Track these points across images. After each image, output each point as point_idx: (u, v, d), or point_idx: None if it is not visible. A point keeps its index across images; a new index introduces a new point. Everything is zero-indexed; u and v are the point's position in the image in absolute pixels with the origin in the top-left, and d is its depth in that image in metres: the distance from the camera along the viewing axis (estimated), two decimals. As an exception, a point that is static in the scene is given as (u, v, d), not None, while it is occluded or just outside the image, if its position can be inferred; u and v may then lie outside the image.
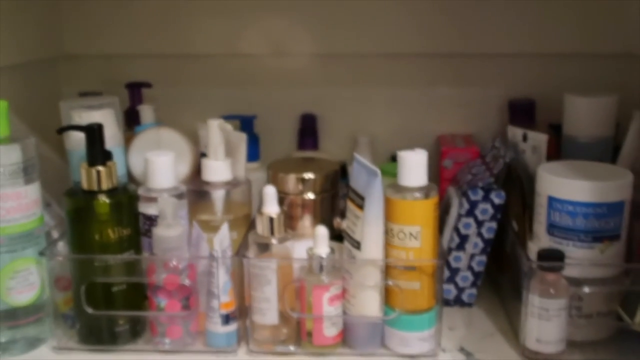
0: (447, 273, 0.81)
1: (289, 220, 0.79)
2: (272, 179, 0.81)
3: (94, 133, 0.71)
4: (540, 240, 0.73)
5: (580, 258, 0.70)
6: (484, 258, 0.81)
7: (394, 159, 0.96)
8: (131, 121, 0.91)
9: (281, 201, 0.77)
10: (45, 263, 0.72)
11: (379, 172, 0.67)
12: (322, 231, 0.70)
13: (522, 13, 0.98)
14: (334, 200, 0.83)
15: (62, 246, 0.75)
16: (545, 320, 0.68)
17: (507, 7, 0.98)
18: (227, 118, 0.88)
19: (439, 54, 1.00)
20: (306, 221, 0.81)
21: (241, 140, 0.82)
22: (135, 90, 0.95)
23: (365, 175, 0.69)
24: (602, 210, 0.69)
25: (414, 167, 0.69)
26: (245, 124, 0.95)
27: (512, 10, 0.98)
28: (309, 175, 0.80)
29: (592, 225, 0.69)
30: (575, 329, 0.71)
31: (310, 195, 0.80)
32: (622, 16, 0.97)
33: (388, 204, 0.69)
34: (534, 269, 0.69)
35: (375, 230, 0.69)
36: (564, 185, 0.70)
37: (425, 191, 0.69)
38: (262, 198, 0.72)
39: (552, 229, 0.72)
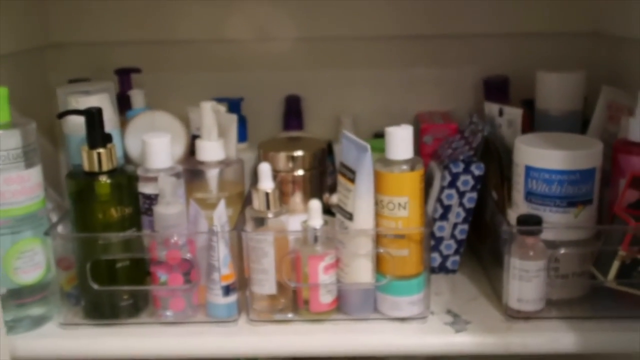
0: (432, 242, 0.86)
1: (281, 196, 0.83)
2: (263, 158, 0.84)
3: (93, 117, 0.73)
4: (519, 207, 0.78)
5: (556, 222, 0.75)
6: (466, 227, 0.86)
7: (376, 136, 1.01)
8: (122, 106, 0.94)
9: (273, 178, 0.81)
10: (50, 243, 0.75)
11: (368, 146, 0.71)
12: (316, 204, 0.74)
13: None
14: (322, 176, 0.87)
15: (62, 228, 0.78)
16: (525, 281, 0.73)
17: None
18: (215, 101, 0.91)
19: (416, 35, 1.04)
20: (297, 197, 0.85)
21: (232, 121, 0.85)
22: (125, 76, 0.98)
23: (355, 151, 0.73)
24: (575, 177, 0.74)
25: (401, 141, 0.73)
26: (233, 107, 0.97)
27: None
28: (298, 153, 0.84)
29: (567, 191, 0.75)
30: (553, 288, 0.76)
31: (300, 172, 0.84)
32: (588, -4, 1.03)
33: (377, 177, 0.73)
34: (514, 233, 0.74)
35: (367, 201, 0.73)
36: (539, 155, 0.75)
37: (412, 164, 0.74)
38: (257, 175, 0.76)
39: (530, 196, 0.77)
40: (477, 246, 0.91)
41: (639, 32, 0.89)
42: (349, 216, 0.74)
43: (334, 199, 0.79)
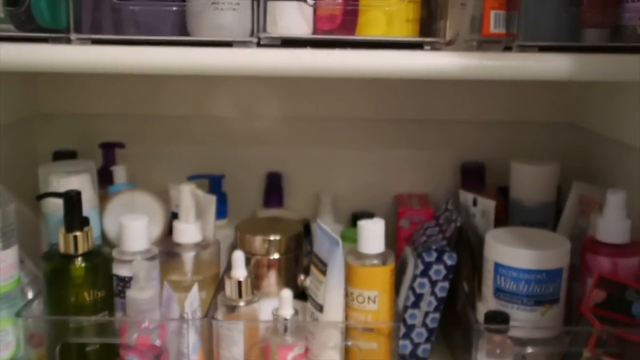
0: (403, 329, 0.86)
1: (256, 279, 0.84)
2: (240, 240, 0.86)
3: (72, 200, 0.75)
4: (488, 302, 0.80)
5: (524, 320, 0.77)
6: (437, 315, 0.87)
7: (355, 217, 1.03)
8: (104, 180, 0.95)
9: (248, 261, 0.82)
10: (21, 323, 0.75)
11: (340, 241, 0.73)
12: (287, 294, 0.75)
13: (473, 83, 1.05)
14: (298, 259, 0.88)
15: (36, 305, 0.78)
16: (492, 377, 0.74)
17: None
18: (197, 177, 0.92)
19: (397, 119, 1.07)
20: (272, 279, 0.86)
21: (211, 202, 0.86)
22: (109, 150, 0.99)
23: (327, 243, 0.75)
24: (542, 277, 0.76)
25: (373, 235, 0.75)
26: (214, 184, 0.99)
27: (465, 81, 1.05)
28: (274, 237, 0.85)
29: (534, 290, 0.76)
30: (519, 385, 0.77)
31: (276, 256, 0.85)
32: (566, 89, 1.06)
33: (348, 269, 0.75)
34: (482, 330, 0.75)
35: (337, 294, 0.74)
36: (508, 253, 0.77)
37: (383, 258, 0.75)
38: (231, 262, 0.77)
39: (498, 292, 0.78)
40: (449, 333, 0.92)
41: (612, 130, 0.92)
42: (320, 308, 0.75)
43: (309, 281, 0.80)
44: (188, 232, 0.82)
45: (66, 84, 1.06)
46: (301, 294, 0.83)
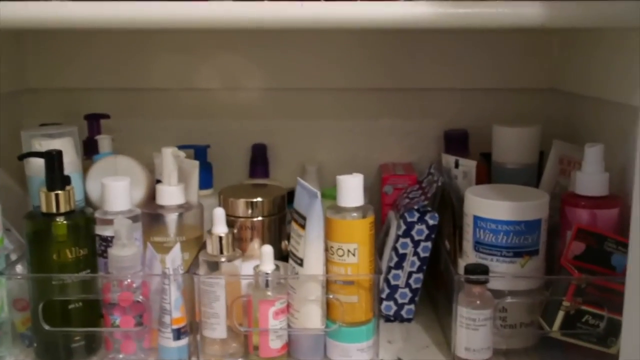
0: (386, 290, 0.87)
1: (239, 242, 0.85)
2: (223, 204, 0.86)
3: (53, 159, 0.75)
4: (469, 256, 0.80)
5: (503, 272, 0.77)
6: (420, 276, 0.87)
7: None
8: (90, 151, 0.96)
9: (232, 224, 0.82)
10: (5, 283, 0.76)
11: (318, 193, 0.73)
12: (268, 249, 0.76)
13: (455, 52, 1.06)
14: (281, 223, 0.89)
15: (20, 268, 0.79)
16: (472, 329, 0.75)
17: (443, 46, 1.06)
18: (182, 148, 0.93)
19: (380, 88, 1.08)
20: (255, 243, 0.86)
21: (194, 167, 0.87)
22: (94, 121, 1.00)
23: (306, 197, 0.75)
24: (521, 228, 0.76)
25: (351, 189, 0.76)
26: (199, 153, 1.00)
27: (447, 49, 1.06)
28: (257, 199, 0.86)
29: (513, 241, 0.77)
30: (500, 338, 0.77)
31: (259, 218, 0.86)
32: (546, 55, 1.07)
33: (328, 223, 0.75)
34: (462, 282, 0.75)
35: (316, 247, 0.75)
36: (486, 206, 0.78)
37: (362, 211, 0.76)
38: (212, 219, 0.78)
39: (478, 245, 0.78)
40: (433, 293, 0.92)
41: (592, 89, 0.92)
42: (300, 262, 0.76)
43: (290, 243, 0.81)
44: (171, 194, 0.83)
45: (53, 58, 1.07)
46: (284, 258, 0.83)
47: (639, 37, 0.74)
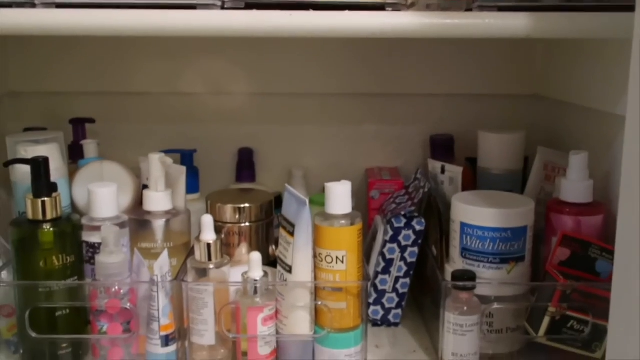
0: (374, 295, 0.88)
1: (227, 248, 0.85)
2: (211, 209, 0.86)
3: (39, 166, 0.75)
4: (455, 262, 0.81)
5: (490, 278, 0.78)
6: (407, 280, 0.88)
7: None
8: (75, 155, 0.95)
9: (219, 230, 0.82)
10: (-11, 289, 0.75)
11: (307, 201, 0.74)
12: (256, 256, 0.76)
13: (440, 58, 1.07)
14: (269, 228, 0.89)
15: (5, 274, 0.78)
16: (460, 335, 0.75)
17: (428, 52, 1.07)
18: (168, 152, 0.93)
19: (367, 94, 1.09)
20: (243, 248, 0.86)
21: (180, 172, 0.87)
22: (79, 126, 0.99)
23: (295, 204, 0.75)
24: (507, 235, 0.77)
25: (340, 196, 0.76)
26: (185, 158, 1.00)
27: (432, 55, 1.07)
28: (244, 205, 0.86)
29: (499, 248, 0.77)
30: (487, 343, 0.78)
31: (246, 224, 0.86)
32: (530, 62, 1.08)
33: (317, 230, 0.76)
34: (449, 288, 0.76)
35: (305, 254, 0.75)
36: (473, 213, 0.78)
37: (350, 218, 0.76)
38: (200, 226, 0.77)
39: (465, 252, 0.79)
40: (420, 298, 0.93)
41: (575, 97, 0.94)
42: (289, 268, 0.76)
43: (278, 250, 0.81)
44: (158, 200, 0.83)
45: (35, 61, 1.06)
46: (272, 264, 0.84)
47: (621, 47, 0.75)
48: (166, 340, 0.75)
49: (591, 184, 0.79)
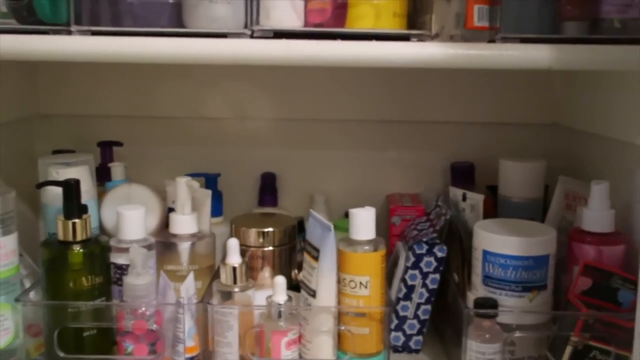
0: (395, 321, 0.88)
1: (250, 271, 0.86)
2: (235, 233, 0.87)
3: (71, 188, 0.77)
4: (477, 290, 0.81)
5: (512, 306, 0.78)
6: (428, 307, 0.88)
7: (347, 215, 1.04)
8: (102, 177, 0.97)
9: (243, 253, 0.84)
10: (20, 309, 0.76)
11: (332, 226, 0.75)
12: (281, 280, 0.77)
13: (461, 86, 1.09)
14: (292, 252, 0.90)
15: (34, 294, 0.80)
16: (481, 363, 0.76)
17: (449, 80, 1.09)
18: (193, 176, 0.94)
19: (388, 120, 1.10)
20: (266, 272, 0.87)
21: (206, 196, 0.88)
22: (107, 149, 1.01)
23: (320, 230, 0.77)
24: (529, 263, 0.78)
25: (364, 222, 0.77)
26: (210, 182, 1.01)
27: (453, 84, 1.09)
28: (268, 229, 0.87)
29: (521, 276, 0.78)
30: (509, 371, 0.78)
31: (270, 248, 0.87)
32: (549, 91, 1.09)
33: (341, 256, 0.77)
34: (471, 315, 0.76)
35: (329, 279, 0.76)
36: (496, 241, 0.79)
37: (374, 244, 0.77)
38: (225, 250, 0.79)
39: (487, 279, 0.80)
40: (440, 325, 0.93)
41: (595, 126, 0.95)
42: (312, 293, 0.77)
43: (302, 274, 0.82)
44: (184, 223, 0.84)
45: (65, 85, 1.09)
46: (294, 287, 0.85)
47: (641, 79, 0.76)
48: (191, 362, 0.76)
49: (613, 213, 0.80)
